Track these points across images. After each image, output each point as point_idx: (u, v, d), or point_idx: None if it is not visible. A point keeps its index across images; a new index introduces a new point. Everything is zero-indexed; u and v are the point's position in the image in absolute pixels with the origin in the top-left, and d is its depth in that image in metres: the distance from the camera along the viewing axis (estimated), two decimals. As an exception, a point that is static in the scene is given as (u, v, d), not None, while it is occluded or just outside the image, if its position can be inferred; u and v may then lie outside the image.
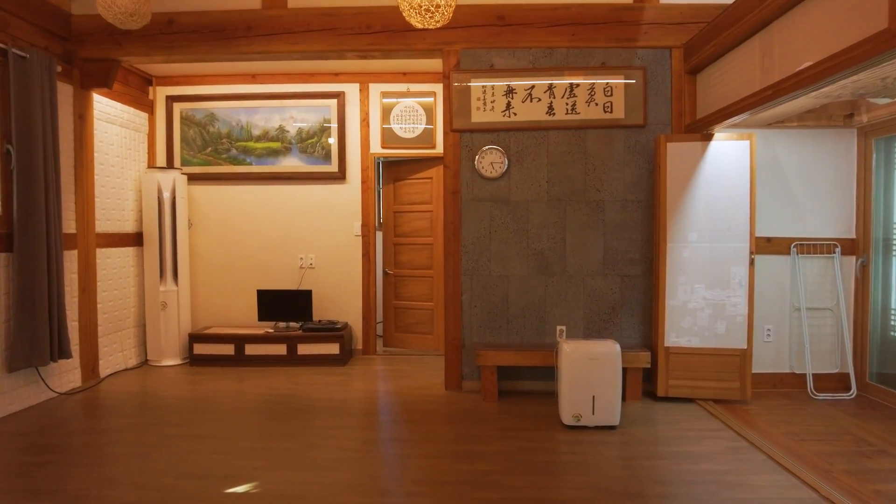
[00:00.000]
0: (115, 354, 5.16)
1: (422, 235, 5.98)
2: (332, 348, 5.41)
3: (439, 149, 5.76)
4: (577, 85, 4.47)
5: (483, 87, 4.49)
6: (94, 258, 4.79)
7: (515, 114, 4.48)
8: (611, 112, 4.48)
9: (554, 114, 4.48)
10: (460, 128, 4.51)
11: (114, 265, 5.13)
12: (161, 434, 3.60)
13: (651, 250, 4.50)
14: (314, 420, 3.89)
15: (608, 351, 3.69)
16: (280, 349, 5.41)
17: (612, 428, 3.71)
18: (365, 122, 5.78)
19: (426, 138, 5.76)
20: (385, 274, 6.19)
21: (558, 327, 4.53)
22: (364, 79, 5.76)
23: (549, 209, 4.52)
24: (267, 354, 5.41)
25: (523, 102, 4.48)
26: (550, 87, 4.47)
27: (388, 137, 5.78)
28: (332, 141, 5.75)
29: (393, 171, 6.14)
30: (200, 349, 5.43)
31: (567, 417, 3.71)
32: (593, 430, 3.69)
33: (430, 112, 5.74)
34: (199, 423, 3.82)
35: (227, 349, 5.41)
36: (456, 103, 4.50)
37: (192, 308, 5.83)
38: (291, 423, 3.81)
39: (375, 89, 5.77)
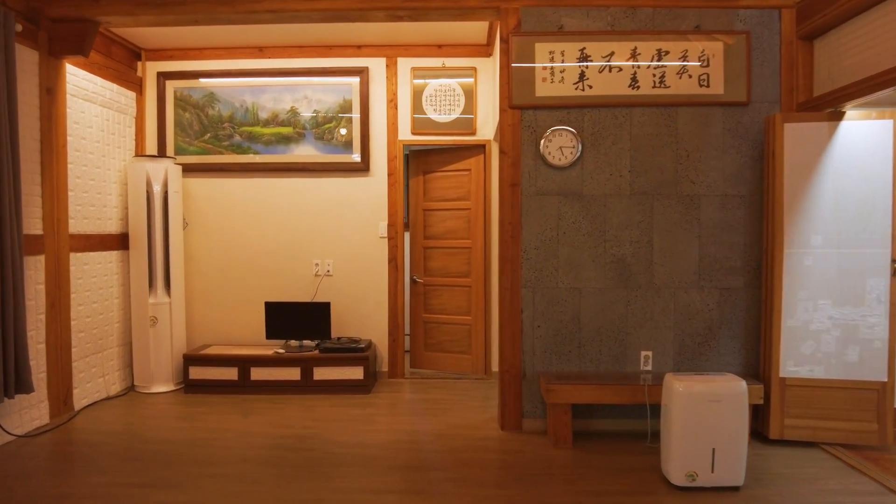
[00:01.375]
0: (94, 381, 4.27)
1: (457, 237, 5.10)
2: (355, 372, 4.52)
3: (480, 135, 4.88)
4: (667, 52, 3.61)
5: (550, 53, 3.61)
6: (66, 265, 3.91)
7: (591, 86, 3.61)
8: (707, 86, 3.62)
9: (638, 87, 3.61)
10: (521, 104, 3.64)
11: (93, 273, 4.24)
12: (146, 503, 2.71)
13: (757, 257, 3.63)
14: (343, 478, 3.00)
15: (733, 390, 2.81)
16: (293, 373, 4.52)
17: (734, 489, 2.85)
18: (392, 103, 4.90)
19: (464, 123, 4.88)
20: (413, 282, 5.31)
21: (643, 353, 3.66)
22: (391, 52, 4.87)
23: (631, 205, 3.65)
24: (277, 380, 4.52)
25: (600, 73, 3.61)
26: (634, 53, 3.60)
27: (420, 122, 4.90)
28: (344, 132, 4.87)
29: (422, 161, 5.26)
30: (197, 373, 4.54)
31: (678, 476, 2.84)
32: (711, 491, 2.83)
33: (469, 92, 4.86)
34: (195, 483, 2.93)
35: (230, 373, 4.52)
36: (516, 74, 3.63)
37: (187, 324, 4.94)
38: (314, 484, 2.92)
39: (405, 65, 4.88)
